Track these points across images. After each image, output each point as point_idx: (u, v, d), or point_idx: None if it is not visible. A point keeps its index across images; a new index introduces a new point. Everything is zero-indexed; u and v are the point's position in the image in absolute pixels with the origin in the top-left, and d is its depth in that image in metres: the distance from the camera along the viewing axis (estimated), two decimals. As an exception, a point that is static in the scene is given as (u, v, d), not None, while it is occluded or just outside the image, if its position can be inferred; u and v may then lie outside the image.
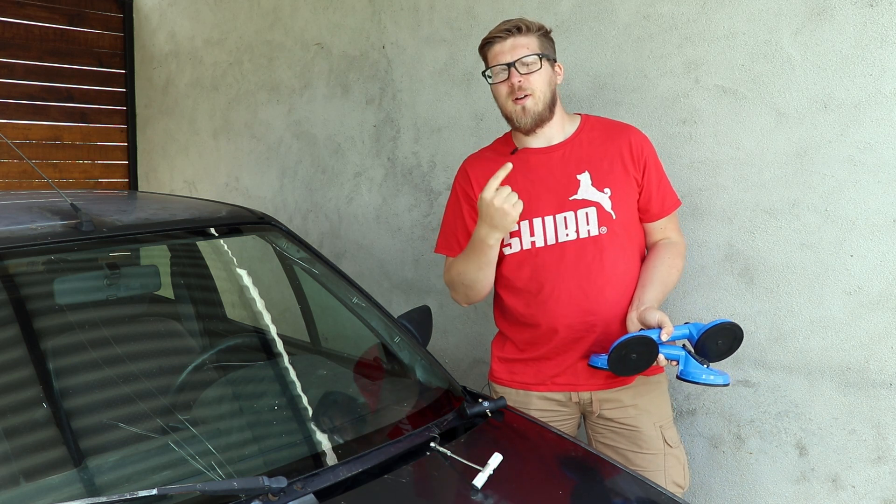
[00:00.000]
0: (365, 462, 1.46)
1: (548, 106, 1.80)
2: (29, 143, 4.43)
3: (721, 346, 1.67)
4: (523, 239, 1.83)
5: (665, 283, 1.80)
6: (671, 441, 1.85)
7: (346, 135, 3.23)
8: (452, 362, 2.82)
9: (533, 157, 1.85)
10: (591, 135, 1.85)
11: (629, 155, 1.81)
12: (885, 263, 1.78)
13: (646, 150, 1.83)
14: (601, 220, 1.78)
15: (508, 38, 1.78)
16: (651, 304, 1.73)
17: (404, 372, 1.94)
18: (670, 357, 1.66)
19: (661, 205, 1.84)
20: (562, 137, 1.85)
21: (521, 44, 1.77)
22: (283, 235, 2.04)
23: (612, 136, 1.84)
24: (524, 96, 1.77)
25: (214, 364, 1.79)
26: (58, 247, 1.60)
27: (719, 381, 1.63)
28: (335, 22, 3.22)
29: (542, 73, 1.77)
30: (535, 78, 1.77)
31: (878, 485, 1.84)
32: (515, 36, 1.77)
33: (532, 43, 1.78)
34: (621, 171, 1.80)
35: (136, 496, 1.22)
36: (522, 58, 1.76)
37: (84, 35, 4.59)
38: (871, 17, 1.76)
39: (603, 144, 1.83)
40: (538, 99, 1.78)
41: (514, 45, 1.77)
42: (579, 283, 1.78)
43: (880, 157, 1.77)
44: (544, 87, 1.78)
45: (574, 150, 1.83)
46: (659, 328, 1.65)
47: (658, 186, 1.84)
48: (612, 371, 1.67)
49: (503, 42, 1.78)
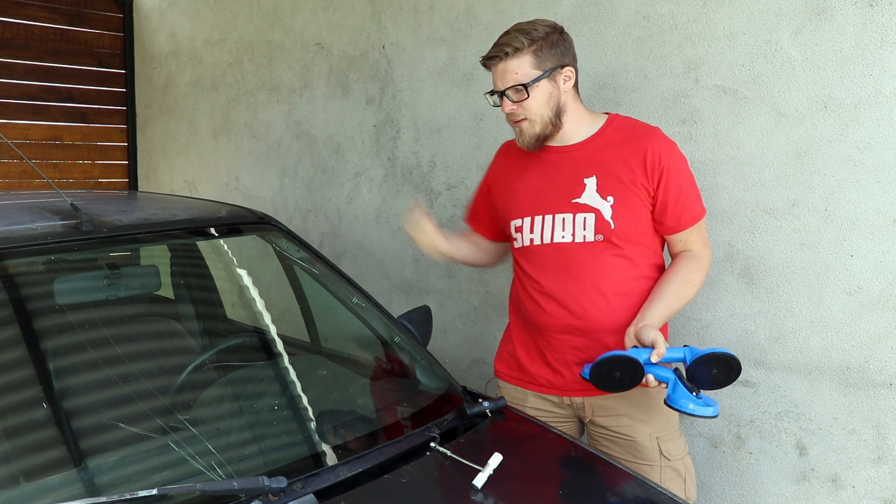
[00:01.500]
0: (365, 462, 1.47)
1: (548, 124, 1.75)
2: (29, 143, 4.43)
3: (716, 376, 1.59)
4: (524, 235, 1.83)
5: (677, 298, 1.74)
6: (669, 454, 1.80)
7: (346, 135, 3.23)
8: (452, 362, 2.82)
9: (548, 155, 1.83)
10: (611, 138, 1.78)
11: (643, 165, 1.72)
12: (885, 263, 1.78)
13: (665, 159, 1.72)
14: (598, 227, 1.74)
15: (499, 63, 1.72)
16: (651, 322, 1.67)
17: (404, 372, 1.94)
18: (660, 379, 1.60)
19: (676, 219, 1.74)
20: (580, 137, 1.80)
21: (511, 69, 1.70)
22: (283, 235, 2.04)
23: (632, 142, 1.75)
24: (520, 119, 1.75)
25: (214, 364, 1.79)
26: (58, 247, 1.60)
27: (705, 413, 1.55)
28: (335, 22, 3.22)
29: (534, 99, 1.72)
30: (528, 104, 1.72)
31: (878, 485, 1.84)
32: (505, 60, 1.70)
33: (523, 65, 1.69)
34: (631, 180, 1.72)
35: (136, 496, 1.22)
36: (512, 87, 1.71)
37: (84, 35, 4.59)
38: (871, 17, 1.76)
39: (620, 149, 1.75)
40: (534, 122, 1.74)
41: (504, 72, 1.71)
42: (565, 285, 1.77)
43: (880, 157, 1.77)
44: (540, 109, 1.73)
45: (588, 152, 1.78)
46: (651, 348, 1.61)
47: (677, 199, 1.73)
48: (594, 385, 1.63)
49: (495, 67, 1.74)
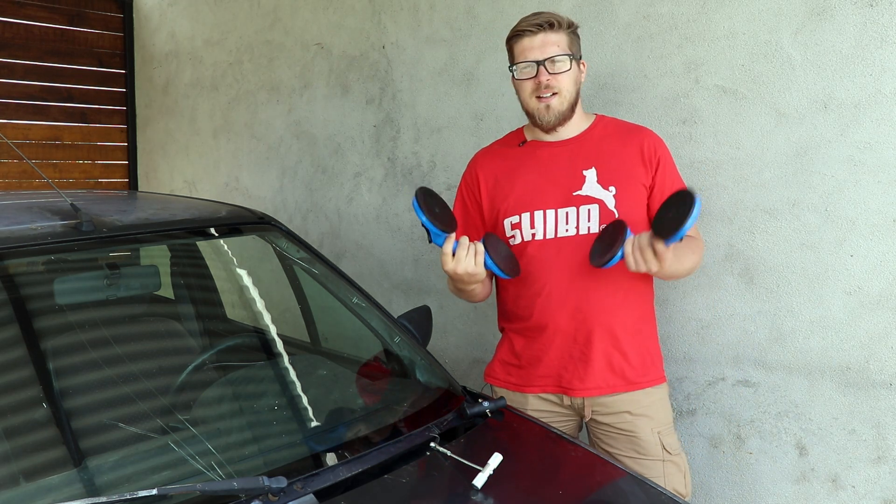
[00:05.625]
0: (365, 462, 1.46)
1: (571, 105, 1.78)
2: (29, 143, 4.43)
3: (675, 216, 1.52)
4: (524, 231, 1.82)
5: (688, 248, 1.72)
6: (670, 448, 1.82)
7: (346, 135, 3.23)
8: (452, 362, 2.82)
9: (542, 150, 1.84)
10: (604, 132, 1.83)
11: (641, 156, 1.78)
12: (885, 263, 1.78)
13: (659, 151, 1.80)
14: (602, 218, 1.75)
15: (539, 33, 1.73)
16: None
17: (404, 372, 1.94)
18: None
19: None
20: (574, 133, 1.83)
21: (552, 41, 1.73)
22: (283, 235, 2.04)
23: (626, 136, 1.81)
24: (551, 95, 1.75)
25: (214, 364, 1.79)
26: (58, 247, 1.60)
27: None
28: (335, 22, 3.22)
29: (570, 73, 1.75)
30: (564, 77, 1.74)
31: (878, 485, 1.84)
32: (546, 32, 1.73)
33: (562, 41, 1.74)
34: (630, 171, 1.77)
35: (136, 496, 1.22)
36: (553, 56, 1.72)
37: (84, 35, 4.59)
38: (871, 17, 1.76)
39: (614, 143, 1.80)
40: (564, 98, 1.76)
41: (545, 42, 1.73)
42: (571, 279, 1.77)
43: (880, 157, 1.77)
44: (571, 87, 1.76)
45: (584, 146, 1.81)
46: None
47: (672, 186, 1.77)
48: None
49: (533, 37, 1.73)
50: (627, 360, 1.79)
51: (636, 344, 1.81)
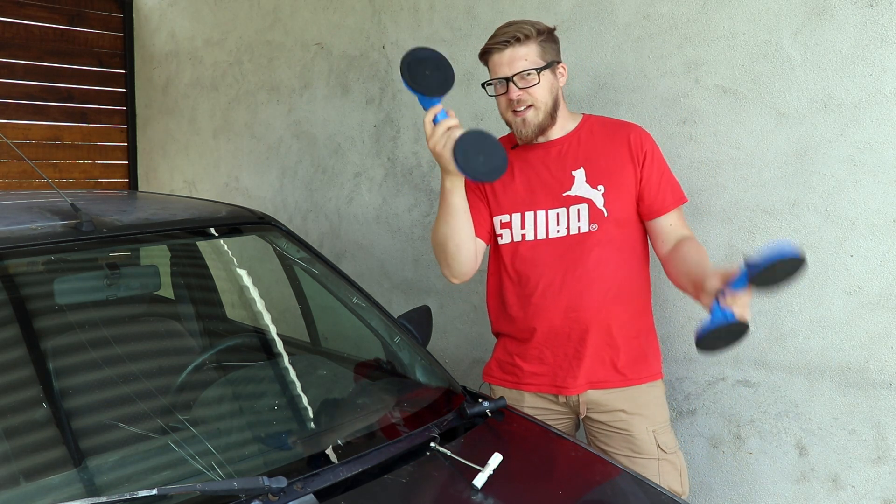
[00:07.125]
0: (365, 462, 1.46)
1: (549, 114, 1.77)
2: (29, 143, 4.43)
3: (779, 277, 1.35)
4: (514, 231, 1.83)
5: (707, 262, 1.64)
6: (666, 447, 1.82)
7: (346, 135, 3.23)
8: (452, 362, 2.82)
9: (530, 153, 1.85)
10: (592, 130, 1.83)
11: (628, 150, 1.78)
12: (885, 263, 1.78)
13: (646, 145, 1.79)
14: (592, 216, 1.76)
15: (507, 48, 1.73)
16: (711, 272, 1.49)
17: (404, 372, 1.94)
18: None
19: (661, 200, 1.77)
20: (561, 134, 1.84)
21: (520, 55, 1.72)
22: (283, 235, 2.04)
23: (613, 134, 1.82)
24: (525, 108, 1.75)
25: (214, 364, 1.79)
26: (58, 247, 1.60)
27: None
28: (335, 22, 3.22)
29: (541, 85, 1.74)
30: (536, 90, 1.73)
31: (878, 485, 1.84)
32: (514, 46, 1.72)
33: (531, 53, 1.73)
34: (618, 168, 1.78)
35: (136, 496, 1.22)
36: (521, 72, 1.72)
37: (84, 35, 4.59)
38: (871, 17, 1.76)
39: (602, 141, 1.81)
40: (540, 109, 1.76)
41: (512, 58, 1.73)
42: (564, 278, 1.77)
43: (880, 157, 1.77)
44: (546, 97, 1.75)
45: (572, 147, 1.82)
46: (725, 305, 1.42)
47: (660, 180, 1.78)
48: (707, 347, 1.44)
49: (501, 53, 1.74)
50: (621, 356, 1.80)
51: (630, 340, 1.81)
